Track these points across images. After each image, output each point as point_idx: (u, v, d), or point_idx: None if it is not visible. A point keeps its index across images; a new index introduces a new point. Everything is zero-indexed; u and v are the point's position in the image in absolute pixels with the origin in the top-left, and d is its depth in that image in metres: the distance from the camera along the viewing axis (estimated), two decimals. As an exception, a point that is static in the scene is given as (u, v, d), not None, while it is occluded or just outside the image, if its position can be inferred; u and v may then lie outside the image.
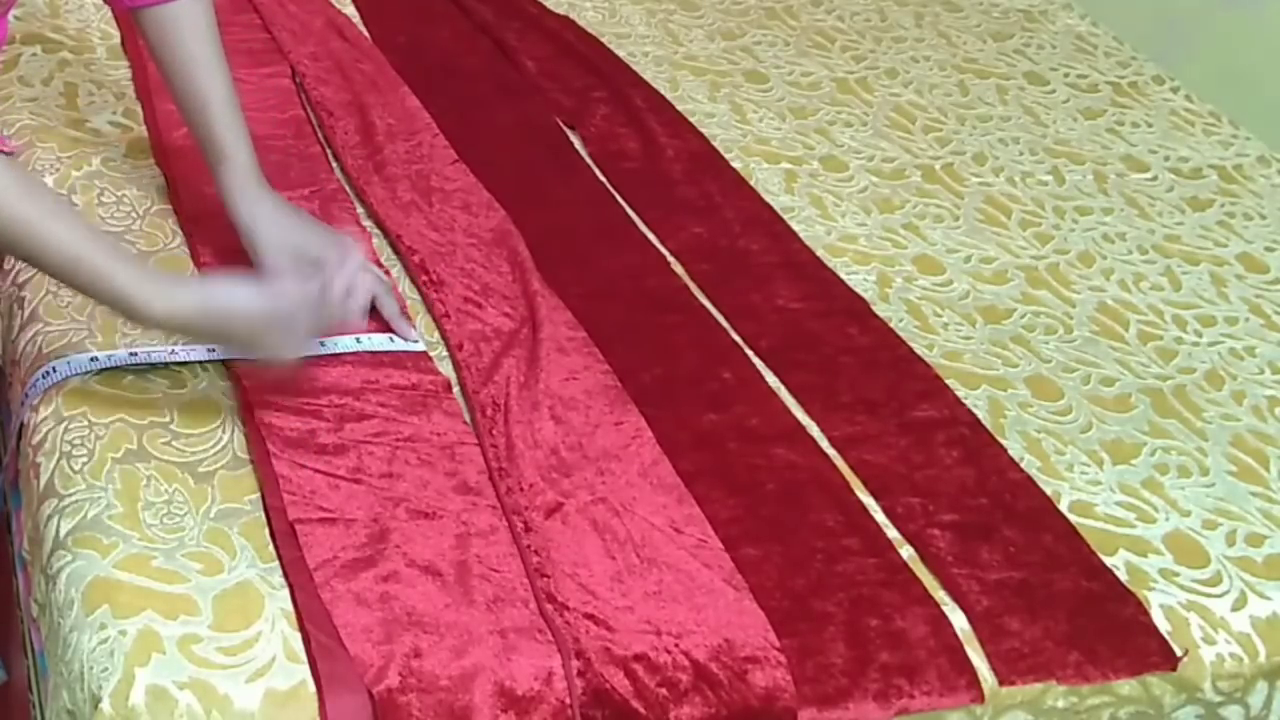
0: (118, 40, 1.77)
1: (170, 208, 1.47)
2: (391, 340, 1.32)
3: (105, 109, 1.62)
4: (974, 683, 1.12)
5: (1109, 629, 1.17)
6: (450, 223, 1.51)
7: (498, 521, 1.16)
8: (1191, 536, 1.27)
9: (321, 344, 1.29)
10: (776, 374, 1.39)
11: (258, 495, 1.15)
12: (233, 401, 1.24)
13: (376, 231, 1.50)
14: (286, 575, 1.08)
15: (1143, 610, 1.19)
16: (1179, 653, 1.17)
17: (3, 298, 1.40)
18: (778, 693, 1.08)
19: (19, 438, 1.24)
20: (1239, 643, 1.19)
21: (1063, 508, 1.27)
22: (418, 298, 1.41)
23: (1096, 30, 2.22)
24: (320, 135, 1.64)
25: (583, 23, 2.02)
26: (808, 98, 1.91)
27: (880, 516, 1.24)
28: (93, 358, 1.23)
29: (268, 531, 1.12)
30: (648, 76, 1.89)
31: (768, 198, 1.66)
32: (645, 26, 2.05)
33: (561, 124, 1.76)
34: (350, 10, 1.94)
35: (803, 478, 1.26)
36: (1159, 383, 1.46)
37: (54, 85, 1.65)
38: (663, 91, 1.85)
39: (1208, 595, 1.21)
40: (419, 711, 1.01)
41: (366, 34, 1.89)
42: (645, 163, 1.70)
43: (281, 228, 1.33)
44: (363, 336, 1.32)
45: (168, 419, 1.20)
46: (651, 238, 1.56)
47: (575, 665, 1.05)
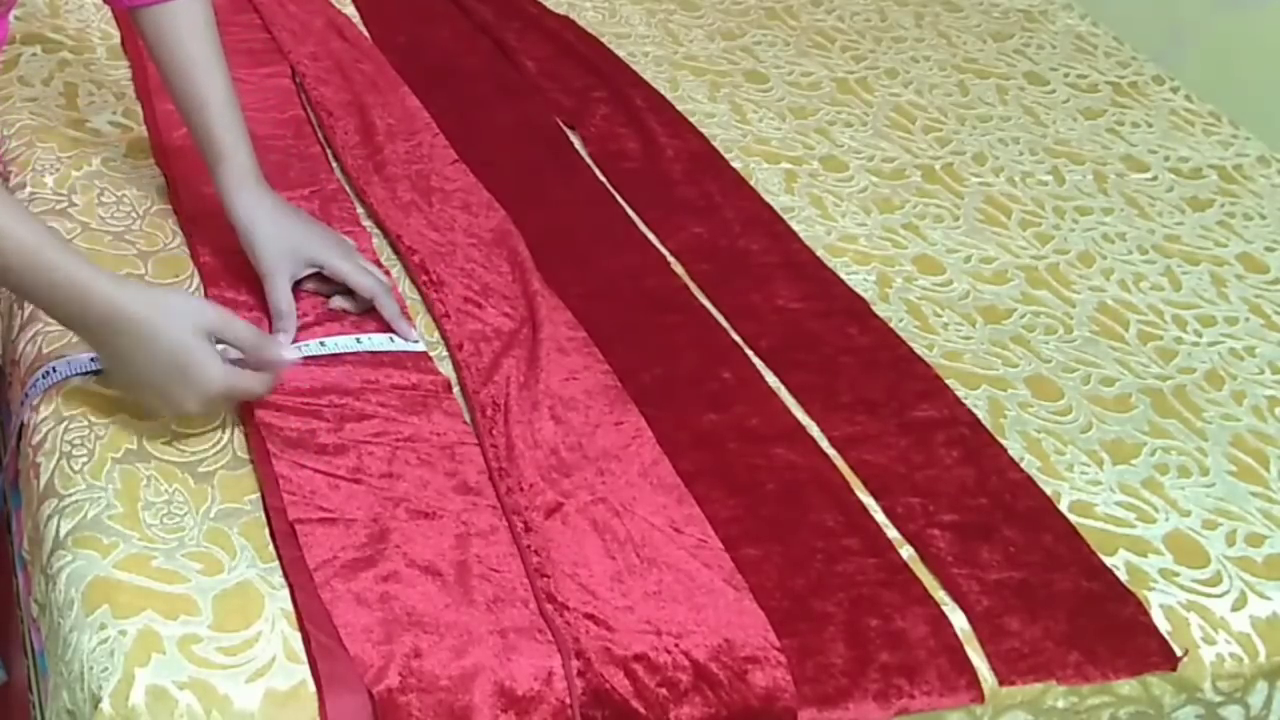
0: (118, 40, 1.77)
1: (170, 208, 1.47)
2: (391, 340, 1.32)
3: (105, 109, 1.62)
4: (974, 683, 1.12)
5: (1109, 629, 1.17)
6: (450, 223, 1.51)
7: (498, 521, 1.16)
8: (1191, 536, 1.27)
9: (321, 343, 1.30)
10: (776, 374, 1.39)
11: (258, 495, 1.15)
12: (233, 401, 1.24)
13: (376, 231, 1.50)
14: (286, 575, 1.08)
15: (1143, 610, 1.19)
16: (1179, 653, 1.17)
17: (3, 298, 1.40)
18: (778, 693, 1.08)
19: (19, 438, 1.24)
20: (1239, 643, 1.19)
21: (1063, 508, 1.27)
22: (418, 298, 1.41)
23: (1096, 30, 2.22)
24: (320, 135, 1.64)
25: (583, 23, 2.02)
26: (808, 98, 1.91)
27: (880, 516, 1.24)
28: (93, 358, 1.22)
29: (268, 531, 1.12)
30: (648, 76, 1.89)
31: (768, 198, 1.66)
32: (645, 26, 2.05)
33: (561, 124, 1.76)
34: (350, 10, 1.94)
35: (803, 478, 1.26)
36: (1159, 383, 1.46)
37: (54, 85, 1.65)
38: (663, 91, 1.85)
39: (1208, 595, 1.21)
40: (419, 711, 1.01)
41: (366, 34, 1.89)
42: (645, 163, 1.70)
43: (280, 228, 1.32)
44: (363, 336, 1.32)
45: (168, 419, 1.20)
46: (651, 238, 1.56)
47: (575, 665, 1.05)
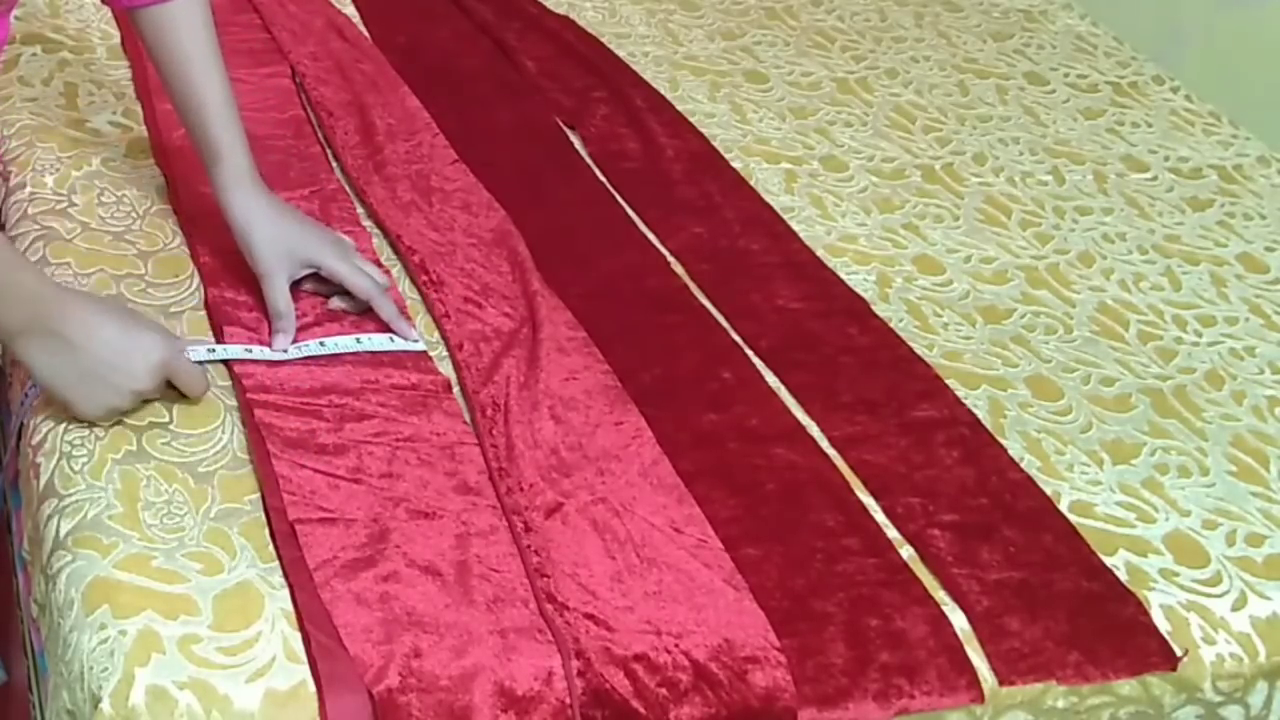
0: (118, 40, 1.77)
1: (170, 208, 1.47)
2: (392, 340, 1.32)
3: (105, 109, 1.62)
4: (974, 683, 1.12)
5: (1109, 629, 1.17)
6: (450, 223, 1.51)
7: (498, 521, 1.16)
8: (1191, 536, 1.27)
9: (321, 344, 1.30)
10: (776, 374, 1.39)
11: (258, 495, 1.15)
12: (233, 401, 1.24)
13: (376, 231, 1.50)
14: (286, 575, 1.08)
15: (1143, 610, 1.19)
16: (1179, 653, 1.17)
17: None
18: (778, 693, 1.08)
19: (19, 438, 1.24)
20: (1239, 643, 1.19)
21: (1063, 508, 1.27)
22: (418, 298, 1.41)
23: (1096, 30, 2.22)
24: (320, 135, 1.64)
25: (583, 23, 2.02)
26: (808, 98, 1.91)
27: (880, 516, 1.24)
28: None
29: (268, 531, 1.12)
30: (648, 76, 1.89)
31: (768, 198, 1.66)
32: (645, 26, 2.05)
33: (561, 124, 1.76)
34: (350, 10, 1.94)
35: (803, 478, 1.26)
36: (1159, 383, 1.46)
37: (54, 85, 1.65)
38: (663, 91, 1.85)
39: (1208, 595, 1.21)
40: (419, 711, 1.01)
41: (366, 34, 1.89)
42: (645, 163, 1.70)
43: (276, 228, 1.32)
44: (363, 336, 1.32)
45: (167, 419, 1.20)
46: (651, 238, 1.56)
47: (575, 665, 1.05)
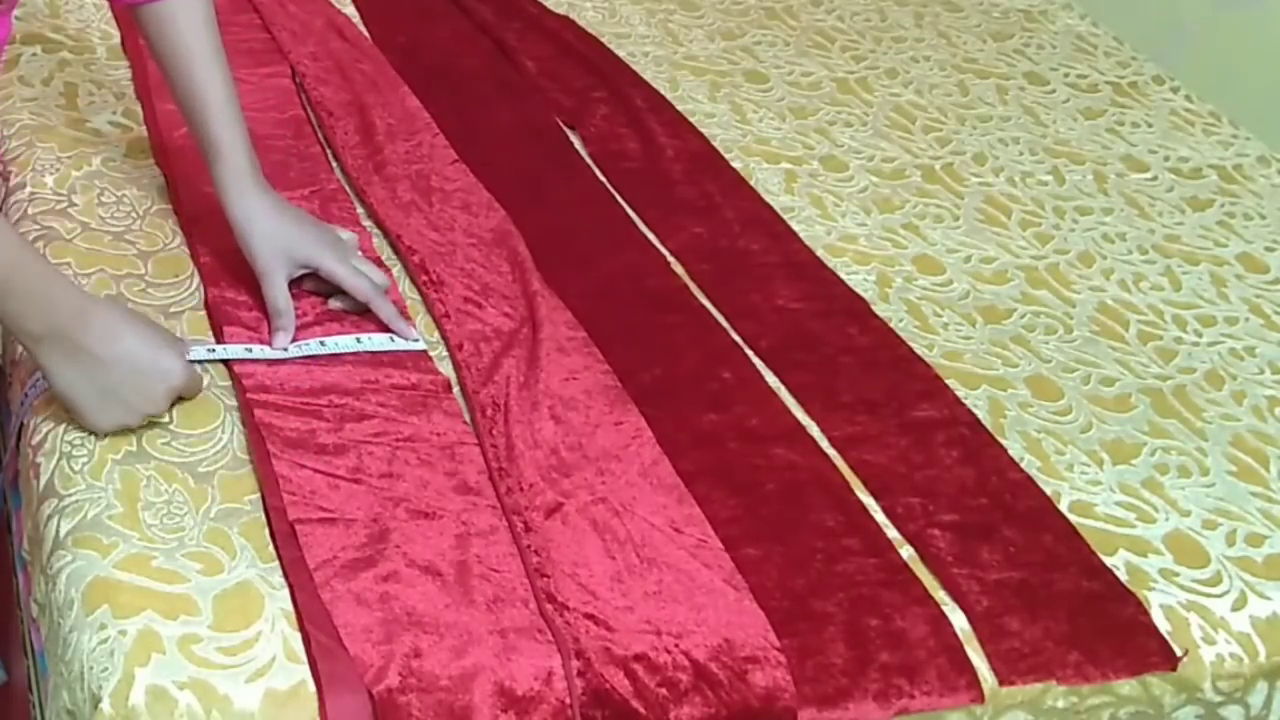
0: (118, 40, 1.77)
1: (170, 208, 1.47)
2: (392, 340, 1.32)
3: (105, 109, 1.62)
4: (974, 683, 1.12)
5: (1109, 629, 1.17)
6: (450, 223, 1.51)
7: (498, 521, 1.16)
8: (1191, 536, 1.27)
9: (321, 343, 1.30)
10: (776, 374, 1.39)
11: (258, 495, 1.15)
12: (233, 401, 1.24)
13: (376, 231, 1.50)
14: (286, 575, 1.08)
15: (1143, 610, 1.19)
16: (1179, 653, 1.17)
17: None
18: (778, 693, 1.08)
19: (19, 438, 1.24)
20: (1239, 643, 1.19)
21: (1063, 508, 1.27)
22: (418, 298, 1.41)
23: (1096, 30, 2.22)
24: (320, 135, 1.64)
25: (583, 23, 2.02)
26: (808, 98, 1.91)
27: (880, 516, 1.24)
28: None
29: (268, 531, 1.12)
30: (648, 76, 1.89)
31: (768, 198, 1.66)
32: (645, 26, 2.05)
33: (561, 124, 1.76)
34: (350, 10, 1.94)
35: (803, 478, 1.26)
36: (1159, 383, 1.46)
37: (54, 85, 1.65)
38: (663, 91, 1.85)
39: (1208, 595, 1.21)
40: (419, 711, 1.01)
41: (366, 34, 1.89)
42: (645, 163, 1.70)
43: (276, 226, 1.32)
44: (363, 336, 1.32)
45: (167, 419, 1.20)
46: (651, 238, 1.56)
47: (575, 665, 1.05)
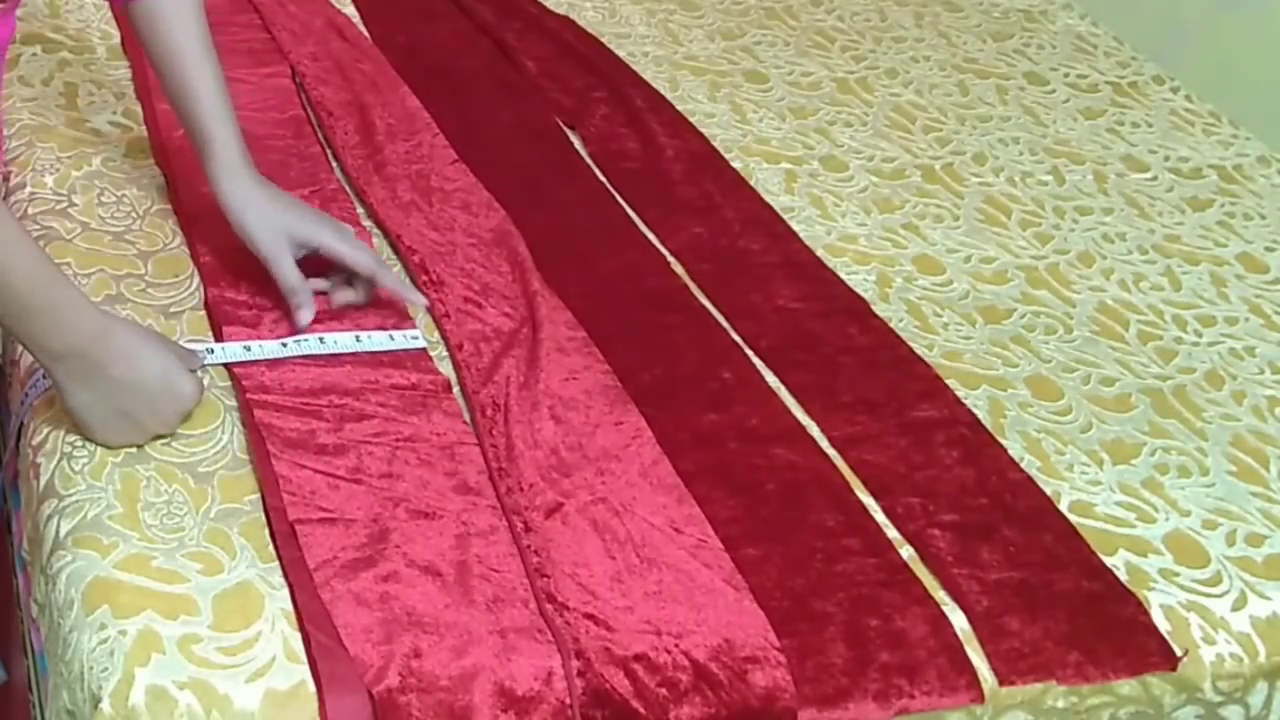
0: (118, 40, 1.77)
1: (170, 208, 1.47)
2: (391, 339, 1.32)
3: (105, 109, 1.62)
4: (974, 683, 1.12)
5: (1109, 629, 1.17)
6: (450, 223, 1.51)
7: (498, 521, 1.16)
8: (1191, 536, 1.27)
9: (321, 340, 1.30)
10: (776, 374, 1.39)
11: (258, 495, 1.15)
12: (233, 402, 1.24)
13: (376, 231, 1.50)
14: (286, 575, 1.08)
15: (1143, 610, 1.19)
16: (1179, 653, 1.17)
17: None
18: (778, 693, 1.08)
19: (19, 438, 1.24)
20: (1239, 643, 1.19)
21: (1063, 508, 1.27)
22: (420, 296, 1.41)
23: (1096, 30, 2.22)
24: (320, 135, 1.64)
25: (583, 23, 2.02)
26: (808, 98, 1.91)
27: (880, 516, 1.24)
28: None
29: (268, 531, 1.12)
30: (648, 76, 1.89)
31: (768, 198, 1.66)
32: (645, 26, 2.05)
33: (561, 124, 1.76)
34: (350, 10, 1.94)
35: (803, 478, 1.26)
36: (1159, 383, 1.46)
37: (54, 85, 1.65)
38: (663, 91, 1.85)
39: (1208, 595, 1.21)
40: (419, 711, 1.01)
41: (366, 34, 1.89)
42: (645, 163, 1.70)
43: (270, 209, 1.32)
44: (363, 335, 1.32)
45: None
46: (651, 238, 1.56)
47: (575, 665, 1.05)
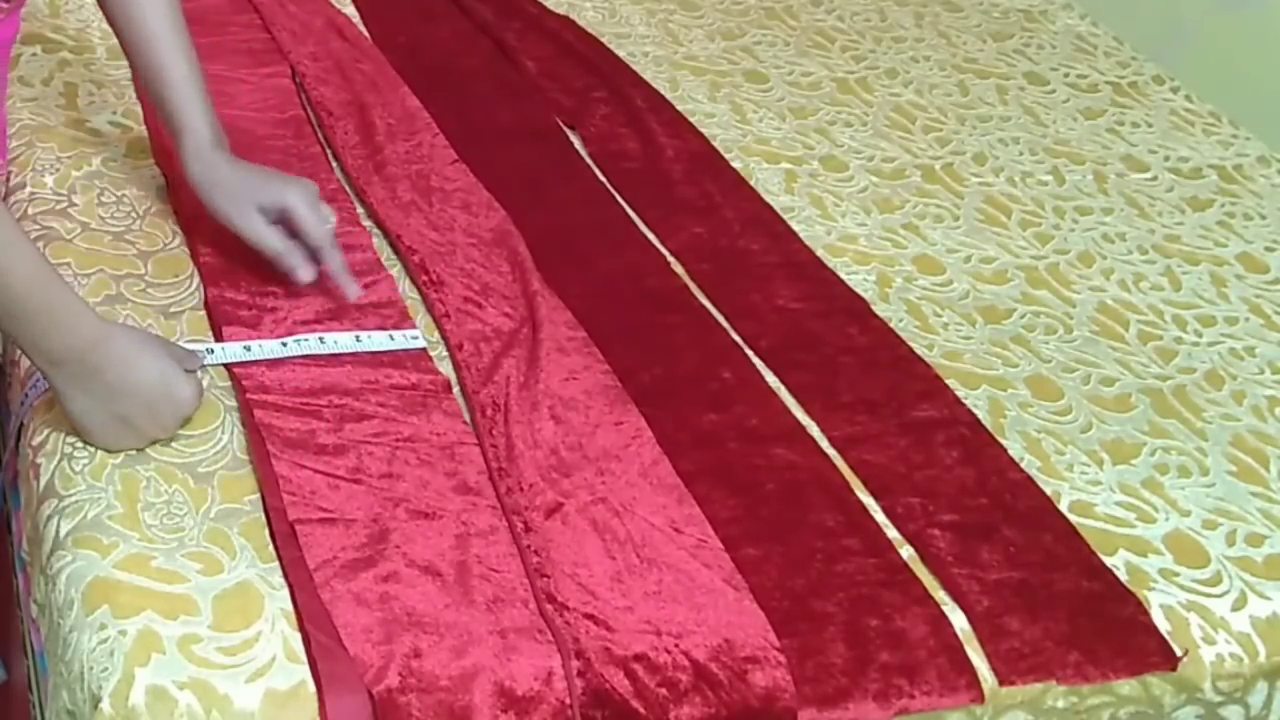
0: (117, 40, 1.76)
1: (170, 208, 1.47)
2: (391, 339, 1.32)
3: (105, 109, 1.62)
4: (974, 683, 1.12)
5: (1109, 629, 1.17)
6: (450, 223, 1.51)
7: (498, 521, 1.16)
8: (1191, 536, 1.27)
9: (321, 340, 1.30)
10: (776, 374, 1.39)
11: (257, 495, 1.15)
12: (233, 402, 1.24)
13: (376, 231, 1.50)
14: (286, 575, 1.08)
15: (1143, 610, 1.19)
16: (1179, 653, 1.17)
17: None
18: (778, 693, 1.08)
19: (18, 438, 1.24)
20: (1239, 643, 1.19)
21: (1063, 508, 1.27)
22: (418, 298, 1.41)
23: (1096, 30, 2.22)
24: (320, 135, 1.64)
25: (583, 23, 2.02)
26: (808, 98, 1.91)
27: (880, 516, 1.24)
28: None
29: (268, 532, 1.12)
30: (648, 76, 1.89)
31: (768, 198, 1.66)
32: (645, 26, 2.05)
33: (561, 124, 1.76)
34: (350, 10, 1.94)
35: (803, 478, 1.26)
36: (1159, 383, 1.46)
37: (54, 85, 1.65)
38: (663, 91, 1.85)
39: (1208, 595, 1.21)
40: (419, 711, 1.01)
41: (366, 34, 1.89)
42: (645, 163, 1.70)
43: (238, 182, 1.34)
44: (363, 335, 1.32)
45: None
46: (651, 238, 1.56)
47: (575, 665, 1.05)
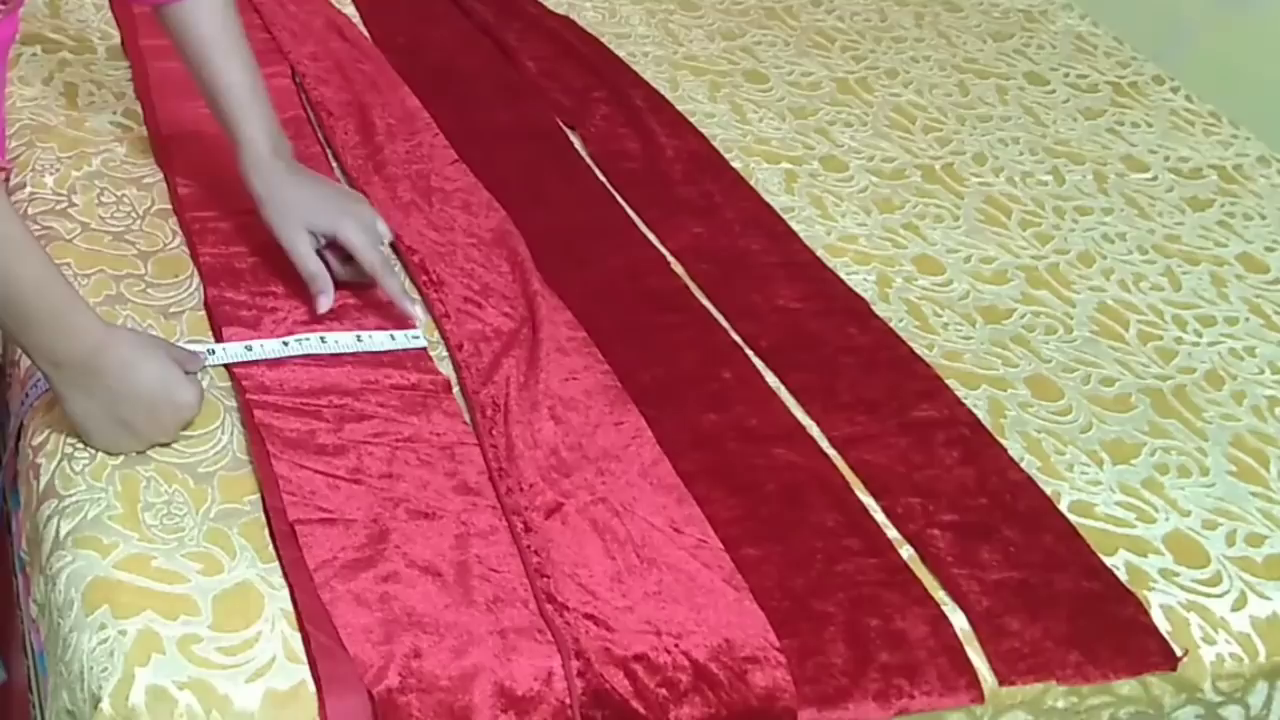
0: (118, 40, 1.77)
1: (170, 208, 1.47)
2: (392, 339, 1.32)
3: (105, 109, 1.62)
4: (974, 683, 1.12)
5: (1109, 629, 1.17)
6: (450, 223, 1.51)
7: (498, 522, 1.16)
8: (1191, 536, 1.27)
9: (322, 339, 1.30)
10: (776, 374, 1.39)
11: (257, 496, 1.15)
12: (233, 402, 1.24)
13: (376, 231, 1.50)
14: (286, 575, 1.08)
15: (1143, 610, 1.19)
16: (1179, 653, 1.17)
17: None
18: (778, 693, 1.08)
19: (19, 438, 1.24)
20: (1239, 643, 1.19)
21: (1063, 508, 1.27)
22: (418, 298, 1.41)
23: (1096, 30, 2.22)
24: (320, 135, 1.64)
25: (583, 23, 2.02)
26: (808, 98, 1.91)
27: (880, 516, 1.24)
28: None
29: (268, 532, 1.12)
30: (648, 76, 1.89)
31: (768, 198, 1.66)
32: (645, 26, 2.05)
33: (561, 124, 1.76)
34: (350, 10, 1.94)
35: (803, 478, 1.26)
36: (1159, 383, 1.46)
37: (54, 85, 1.65)
38: (663, 91, 1.85)
39: (1208, 595, 1.21)
40: (419, 712, 1.01)
41: (366, 34, 1.89)
42: (645, 163, 1.70)
43: (294, 195, 1.35)
44: (363, 335, 1.32)
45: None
46: (651, 238, 1.56)
47: (575, 665, 1.05)
